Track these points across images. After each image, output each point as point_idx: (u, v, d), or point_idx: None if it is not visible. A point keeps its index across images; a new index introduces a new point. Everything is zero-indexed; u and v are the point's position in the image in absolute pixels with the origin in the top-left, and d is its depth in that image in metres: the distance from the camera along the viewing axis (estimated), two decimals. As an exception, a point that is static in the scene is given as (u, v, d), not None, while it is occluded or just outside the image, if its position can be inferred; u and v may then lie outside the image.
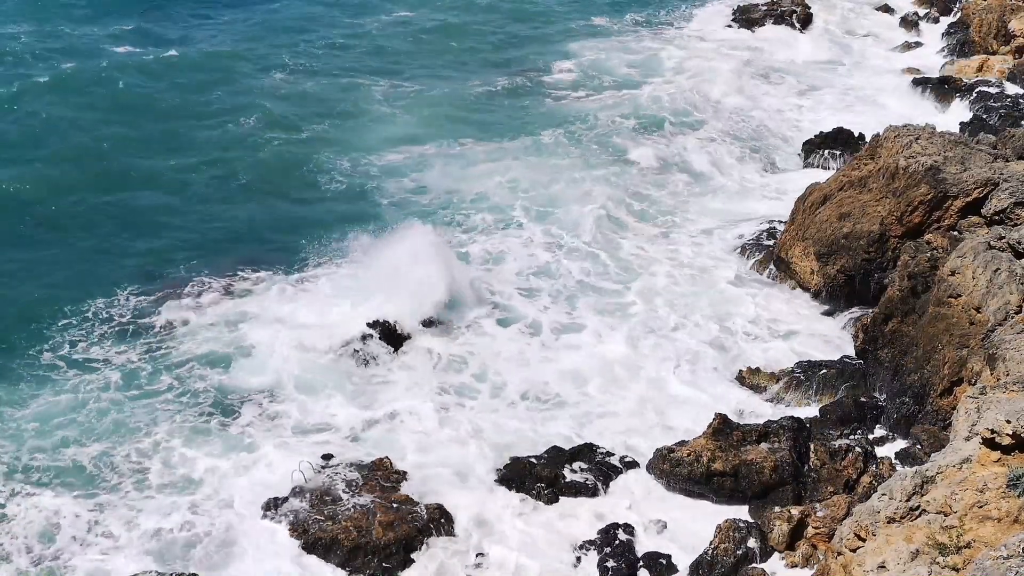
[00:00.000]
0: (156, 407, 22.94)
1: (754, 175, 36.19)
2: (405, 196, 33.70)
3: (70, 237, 30.22)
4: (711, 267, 29.43)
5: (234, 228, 31.41)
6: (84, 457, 21.24)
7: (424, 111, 40.64)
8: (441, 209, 32.76)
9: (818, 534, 18.72)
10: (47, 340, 25.13)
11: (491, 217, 32.24)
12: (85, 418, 22.40)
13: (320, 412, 23.05)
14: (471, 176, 34.88)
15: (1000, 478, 13.97)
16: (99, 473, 20.89)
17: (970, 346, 20.85)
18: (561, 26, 53.51)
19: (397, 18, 53.63)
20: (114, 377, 23.85)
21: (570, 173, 35.27)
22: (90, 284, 27.55)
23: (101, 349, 24.93)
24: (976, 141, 27.90)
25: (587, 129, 39.35)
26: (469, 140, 38.21)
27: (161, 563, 18.62)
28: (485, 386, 24.15)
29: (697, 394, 23.76)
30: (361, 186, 34.33)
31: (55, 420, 22.25)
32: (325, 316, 26.03)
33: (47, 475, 20.74)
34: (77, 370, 24.09)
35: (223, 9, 54.07)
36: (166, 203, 32.63)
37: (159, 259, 29.19)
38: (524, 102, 42.42)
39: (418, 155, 36.68)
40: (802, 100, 43.29)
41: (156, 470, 21.02)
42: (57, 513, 19.66)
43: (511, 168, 35.35)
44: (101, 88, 41.07)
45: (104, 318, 26.22)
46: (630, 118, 40.37)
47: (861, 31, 54.39)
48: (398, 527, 19.10)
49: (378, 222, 31.21)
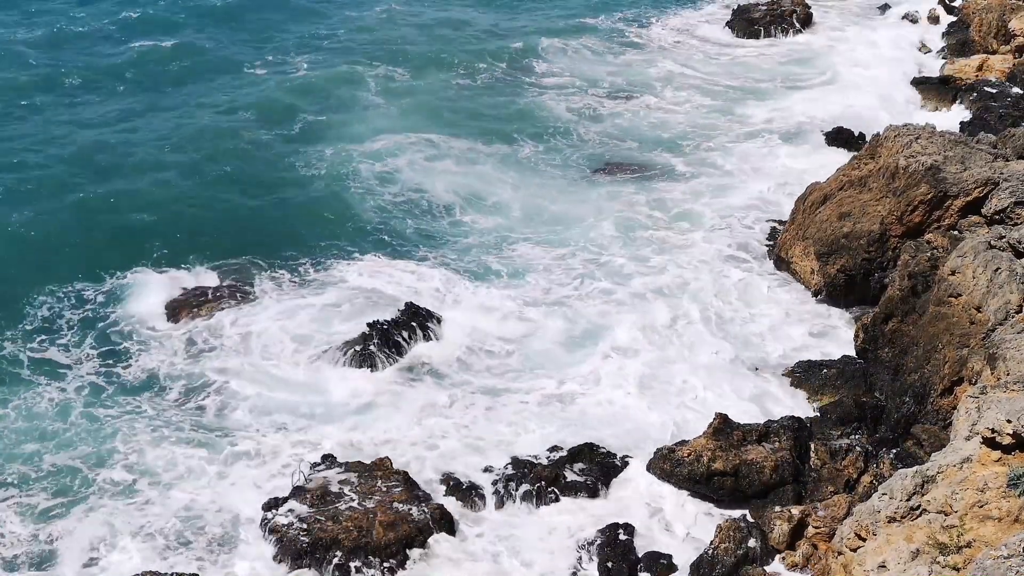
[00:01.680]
0: (149, 405, 22.99)
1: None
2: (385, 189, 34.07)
3: (46, 229, 30.40)
4: (710, 266, 29.41)
5: (214, 219, 31.45)
6: (67, 461, 21.23)
7: (410, 104, 40.88)
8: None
9: (818, 534, 18.72)
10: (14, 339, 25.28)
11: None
12: (64, 423, 22.37)
13: (320, 411, 23.04)
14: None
15: (1000, 478, 13.97)
16: (87, 475, 20.88)
17: (970, 346, 20.84)
18: (545, 23, 53.77)
19: (391, 12, 53.90)
20: (103, 376, 23.99)
21: (565, 176, 35.42)
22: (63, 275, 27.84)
23: (78, 349, 24.94)
24: (976, 141, 27.89)
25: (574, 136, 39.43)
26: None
27: (161, 563, 18.63)
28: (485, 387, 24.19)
29: (699, 394, 23.76)
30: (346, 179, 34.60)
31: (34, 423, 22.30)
32: (321, 314, 26.09)
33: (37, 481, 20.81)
34: (49, 369, 24.14)
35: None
36: (141, 195, 32.68)
37: (132, 249, 29.35)
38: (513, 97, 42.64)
39: (394, 144, 36.93)
40: (802, 100, 43.20)
41: (152, 470, 21.02)
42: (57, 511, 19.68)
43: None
44: (86, 77, 41.50)
45: (79, 314, 26.39)
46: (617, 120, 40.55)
47: (861, 31, 54.35)
48: (398, 527, 19.09)
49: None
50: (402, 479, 20.23)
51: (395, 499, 19.66)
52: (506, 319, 26.64)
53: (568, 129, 39.23)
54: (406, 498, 19.76)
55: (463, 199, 33.27)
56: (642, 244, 30.72)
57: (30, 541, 19.17)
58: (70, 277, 27.81)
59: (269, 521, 19.28)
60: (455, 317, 26.33)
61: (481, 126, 39.10)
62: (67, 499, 20.22)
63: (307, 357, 24.83)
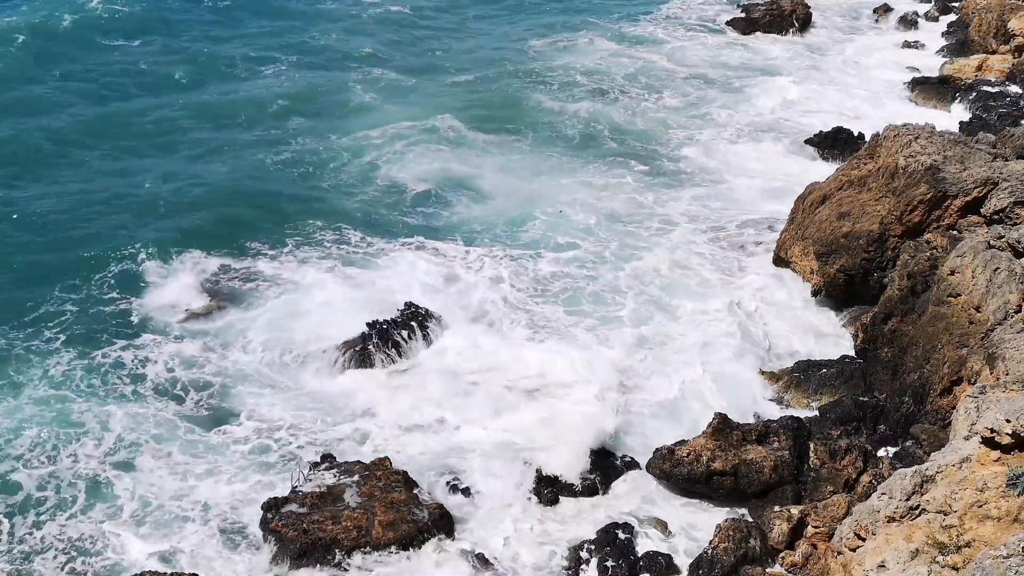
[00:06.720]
0: (147, 402, 23.00)
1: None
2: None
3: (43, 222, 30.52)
4: (710, 266, 29.43)
5: (214, 219, 31.45)
6: (65, 457, 21.26)
7: (410, 99, 41.14)
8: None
9: (818, 533, 18.72)
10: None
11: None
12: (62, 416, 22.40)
13: (320, 411, 23.05)
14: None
15: (1000, 477, 13.97)
16: (83, 472, 20.90)
17: (970, 345, 20.84)
18: (545, 19, 54.00)
19: (388, 10, 54.09)
20: (100, 371, 23.99)
21: (559, 166, 35.68)
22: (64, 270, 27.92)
23: (78, 346, 24.92)
24: (975, 140, 27.89)
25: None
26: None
27: (161, 563, 18.64)
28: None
29: (700, 393, 23.77)
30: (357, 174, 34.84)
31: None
32: (317, 313, 26.13)
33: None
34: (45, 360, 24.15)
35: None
36: (141, 195, 32.76)
37: (127, 241, 29.49)
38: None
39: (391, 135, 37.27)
40: (801, 99, 43.25)
41: (147, 471, 21.02)
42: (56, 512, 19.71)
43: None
44: (77, 71, 41.83)
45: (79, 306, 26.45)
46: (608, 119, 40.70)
47: (861, 30, 54.39)
48: (398, 527, 19.09)
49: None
50: (402, 479, 20.21)
51: (395, 499, 19.66)
52: (507, 318, 26.68)
53: (567, 125, 39.32)
54: (406, 498, 19.75)
55: (463, 198, 33.37)
56: (638, 237, 30.80)
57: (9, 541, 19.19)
58: (68, 273, 27.84)
59: (269, 521, 19.27)
60: (453, 318, 26.39)
61: (484, 125, 39.37)
62: (63, 496, 20.21)
63: (307, 357, 24.81)
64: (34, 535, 19.27)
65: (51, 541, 19.15)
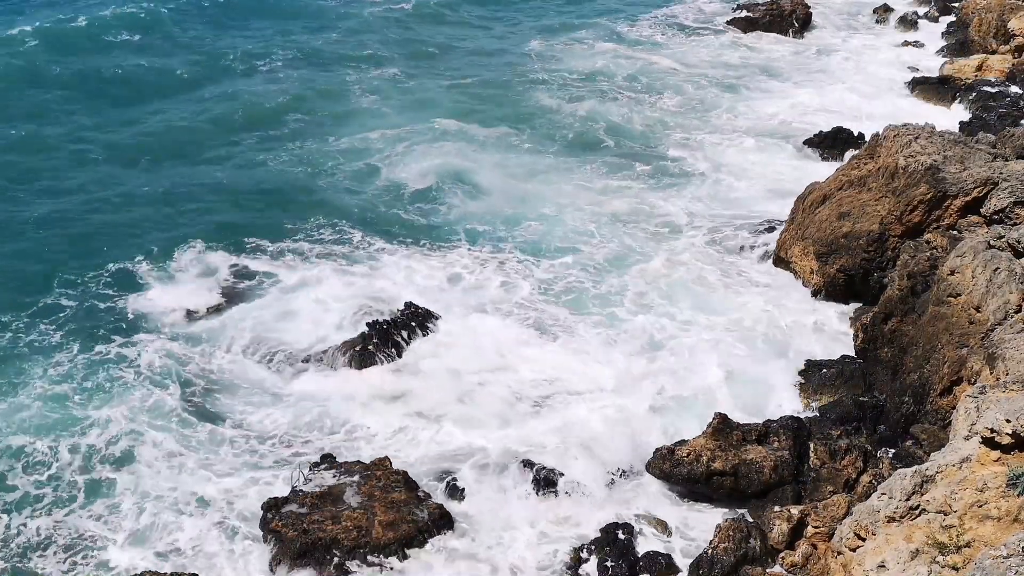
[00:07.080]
0: (148, 402, 22.98)
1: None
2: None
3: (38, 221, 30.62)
4: (710, 265, 29.41)
5: (214, 218, 31.53)
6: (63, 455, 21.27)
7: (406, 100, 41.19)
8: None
9: (818, 533, 18.71)
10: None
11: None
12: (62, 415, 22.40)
13: (320, 411, 23.04)
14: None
15: (1000, 477, 13.96)
16: (79, 470, 20.90)
17: (970, 345, 20.83)
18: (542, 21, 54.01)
19: (389, 10, 54.10)
20: (99, 368, 24.01)
21: (555, 165, 35.71)
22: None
23: (78, 344, 24.93)
24: (975, 140, 27.88)
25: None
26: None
27: (161, 563, 18.63)
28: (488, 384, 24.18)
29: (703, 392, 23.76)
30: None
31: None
32: (317, 313, 26.12)
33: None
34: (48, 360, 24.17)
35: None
36: (141, 194, 32.79)
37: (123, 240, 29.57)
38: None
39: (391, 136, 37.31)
40: (801, 99, 43.25)
41: (146, 469, 21.00)
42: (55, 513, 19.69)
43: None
44: (77, 71, 41.92)
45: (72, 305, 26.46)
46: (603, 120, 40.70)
47: (861, 30, 54.39)
48: (398, 527, 19.10)
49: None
50: (402, 479, 20.21)
51: (395, 499, 19.66)
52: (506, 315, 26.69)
53: (567, 125, 39.36)
54: (406, 498, 19.75)
55: (464, 197, 33.37)
56: (638, 238, 30.80)
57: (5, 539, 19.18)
58: (67, 272, 27.89)
59: (269, 521, 19.27)
60: (454, 316, 26.37)
61: (484, 123, 39.47)
62: (60, 494, 20.22)
63: (307, 356, 24.81)
64: (31, 533, 19.24)
65: (48, 540, 19.14)
